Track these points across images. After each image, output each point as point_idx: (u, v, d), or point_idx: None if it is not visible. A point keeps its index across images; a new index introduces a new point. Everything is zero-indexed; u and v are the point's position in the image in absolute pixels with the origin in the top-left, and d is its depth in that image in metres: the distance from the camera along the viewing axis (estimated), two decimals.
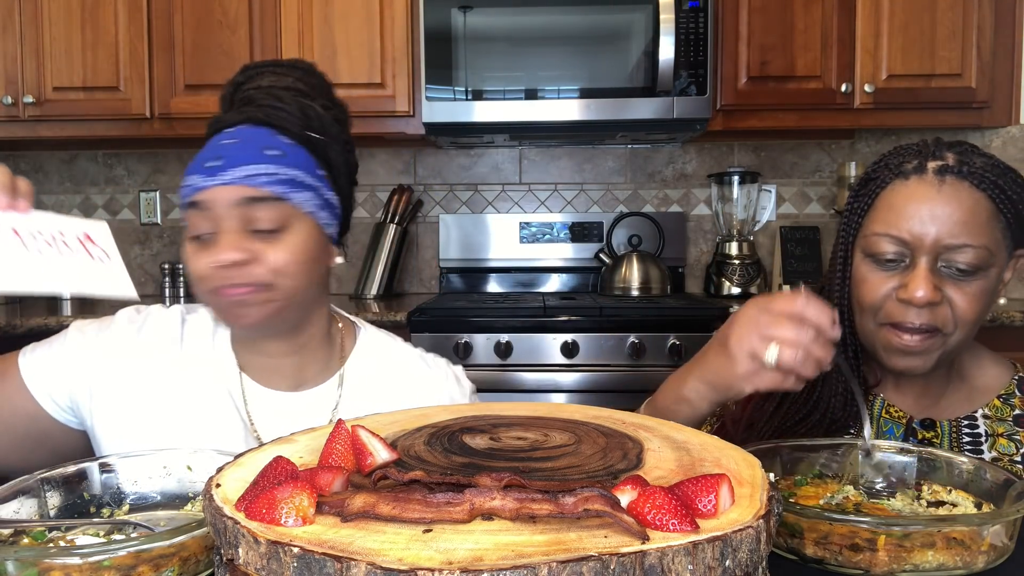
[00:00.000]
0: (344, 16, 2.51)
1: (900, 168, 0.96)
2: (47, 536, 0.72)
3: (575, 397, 2.24)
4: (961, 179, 0.93)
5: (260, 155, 0.93)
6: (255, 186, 0.92)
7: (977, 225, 0.92)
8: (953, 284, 0.93)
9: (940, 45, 2.46)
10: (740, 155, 2.94)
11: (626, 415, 0.76)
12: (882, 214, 0.96)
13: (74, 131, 2.60)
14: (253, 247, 0.93)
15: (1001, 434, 1.01)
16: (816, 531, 0.68)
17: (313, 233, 0.97)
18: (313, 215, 0.97)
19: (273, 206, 0.93)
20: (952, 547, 0.66)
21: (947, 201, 0.92)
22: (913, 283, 0.92)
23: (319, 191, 0.98)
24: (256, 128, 0.96)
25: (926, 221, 0.92)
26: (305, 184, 0.96)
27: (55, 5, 2.52)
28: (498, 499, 0.49)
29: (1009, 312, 2.21)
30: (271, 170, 0.93)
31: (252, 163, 0.92)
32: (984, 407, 1.03)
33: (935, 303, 0.92)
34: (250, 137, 0.95)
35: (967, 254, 0.91)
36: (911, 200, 0.93)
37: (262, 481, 0.53)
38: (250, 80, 1.02)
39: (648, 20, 2.44)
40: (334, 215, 1.01)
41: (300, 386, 1.05)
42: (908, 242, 0.93)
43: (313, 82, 1.03)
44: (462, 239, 2.91)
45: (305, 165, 0.96)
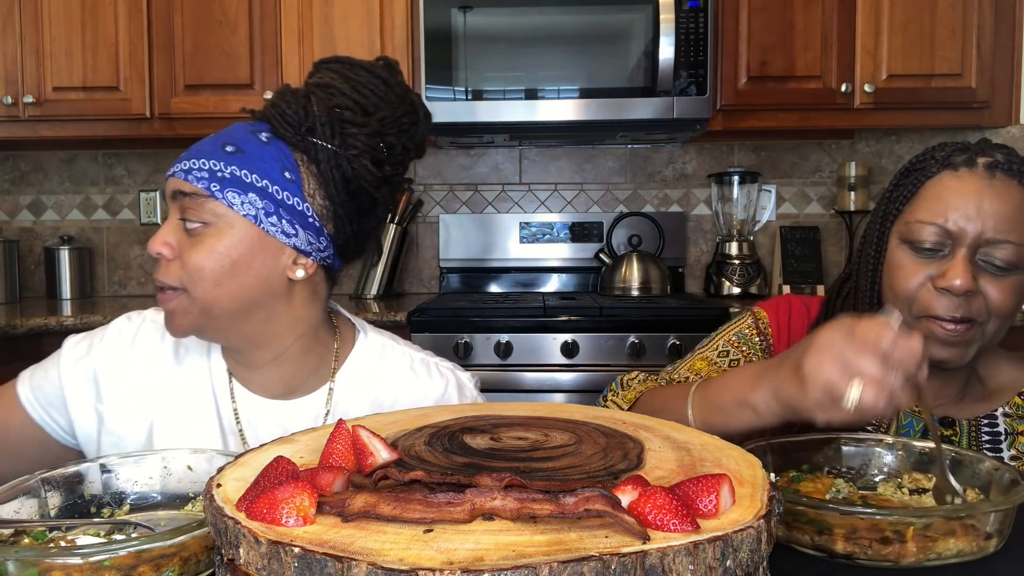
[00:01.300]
0: (344, 16, 2.51)
1: (949, 160, 0.96)
2: (48, 536, 0.72)
3: (575, 397, 2.24)
4: (1011, 176, 0.93)
5: (214, 150, 0.92)
6: (186, 180, 0.90)
7: (1020, 223, 0.92)
8: (988, 277, 0.93)
9: (940, 45, 2.46)
10: (740, 155, 2.94)
11: (626, 415, 0.76)
12: (928, 203, 0.96)
13: (74, 131, 2.60)
14: (180, 244, 0.92)
15: (1021, 432, 1.01)
16: (846, 526, 0.69)
17: (248, 238, 0.91)
18: (254, 218, 0.91)
19: (200, 203, 0.90)
20: (969, 534, 0.69)
21: (995, 196, 0.92)
22: (952, 271, 0.92)
23: (273, 195, 0.91)
24: (251, 123, 0.95)
25: (972, 214, 0.92)
26: (250, 185, 0.90)
27: (55, 5, 2.52)
28: (499, 499, 0.49)
29: None
30: (212, 166, 0.90)
31: (199, 157, 0.91)
32: (1004, 405, 1.03)
33: (971, 293, 0.92)
34: (227, 131, 0.94)
35: (1007, 250, 0.92)
36: (960, 192, 0.94)
37: (263, 481, 0.53)
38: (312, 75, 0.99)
39: (648, 20, 2.44)
40: (300, 222, 0.94)
41: (290, 394, 1.02)
42: (952, 232, 0.93)
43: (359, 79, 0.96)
44: (462, 239, 2.91)
45: (265, 164, 0.91)
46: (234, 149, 0.92)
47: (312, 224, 0.95)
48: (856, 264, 1.06)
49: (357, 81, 0.96)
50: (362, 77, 0.96)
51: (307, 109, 0.93)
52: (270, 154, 0.92)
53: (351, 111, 0.94)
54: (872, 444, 0.89)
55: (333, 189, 0.95)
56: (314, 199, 0.95)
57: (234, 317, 0.94)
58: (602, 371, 2.25)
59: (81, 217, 3.01)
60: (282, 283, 0.95)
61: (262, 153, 0.92)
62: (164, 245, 0.91)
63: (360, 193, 0.97)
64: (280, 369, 1.01)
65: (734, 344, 1.14)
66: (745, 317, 1.17)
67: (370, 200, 0.98)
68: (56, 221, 3.02)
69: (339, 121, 0.94)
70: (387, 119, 0.96)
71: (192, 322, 0.94)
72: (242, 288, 0.92)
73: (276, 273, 0.94)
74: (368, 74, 0.97)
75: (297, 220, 0.93)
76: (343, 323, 1.09)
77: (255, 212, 0.91)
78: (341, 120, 0.94)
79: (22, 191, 3.02)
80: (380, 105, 0.96)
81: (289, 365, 1.01)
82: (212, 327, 0.95)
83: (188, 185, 0.90)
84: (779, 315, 1.14)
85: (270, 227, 0.92)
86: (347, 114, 0.94)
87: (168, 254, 0.91)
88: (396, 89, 0.99)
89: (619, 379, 1.15)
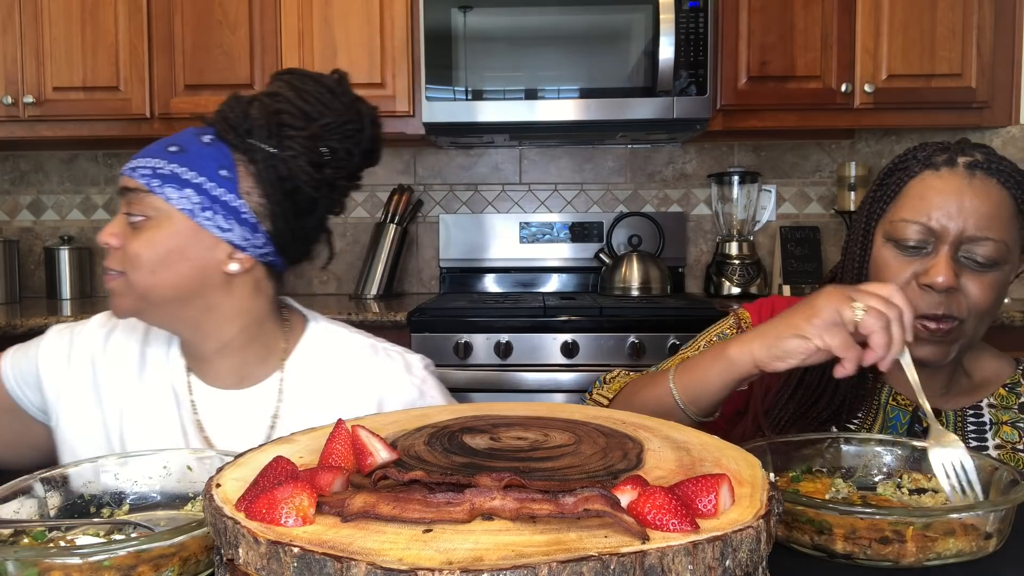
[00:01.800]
0: (344, 16, 2.51)
1: (930, 160, 1.00)
2: (47, 536, 0.72)
3: (575, 397, 2.24)
4: (990, 175, 0.96)
5: (159, 150, 0.99)
6: (131, 177, 0.98)
7: (1000, 220, 0.96)
8: (970, 274, 0.96)
9: (940, 45, 2.46)
10: (740, 155, 2.94)
11: (626, 415, 0.76)
12: (911, 202, 0.99)
13: (74, 131, 2.60)
14: (125, 235, 0.98)
15: (1005, 422, 1.04)
16: (846, 526, 0.69)
17: (182, 231, 0.97)
18: (190, 212, 0.97)
19: (142, 197, 0.97)
20: (969, 534, 0.69)
21: (976, 194, 0.96)
22: (935, 269, 0.95)
23: (208, 191, 0.97)
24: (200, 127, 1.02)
25: (954, 212, 0.95)
26: (187, 182, 0.97)
27: (55, 5, 2.52)
28: (498, 499, 0.49)
29: (1009, 312, 2.21)
30: (154, 164, 0.98)
31: (144, 156, 0.99)
32: (989, 396, 1.06)
33: (953, 290, 0.95)
34: (179, 134, 1.02)
35: (987, 247, 0.95)
36: (941, 191, 0.97)
37: (262, 481, 0.53)
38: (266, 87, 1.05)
39: (648, 20, 2.44)
40: (234, 217, 0.98)
41: (242, 383, 1.07)
42: (935, 230, 0.96)
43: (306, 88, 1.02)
44: (462, 239, 2.91)
45: (203, 163, 0.98)
46: (177, 149, 0.99)
47: (247, 220, 1.00)
48: (842, 265, 1.09)
49: (303, 89, 1.01)
50: (308, 86, 1.02)
51: (247, 113, 0.99)
52: (210, 154, 0.99)
53: (292, 116, 0.99)
54: (872, 444, 0.89)
55: (269, 188, 1.00)
56: (250, 197, 1.00)
57: (172, 304, 1.00)
58: (602, 371, 2.24)
59: (81, 217, 3.01)
60: (218, 275, 1.01)
61: (202, 153, 0.99)
62: (111, 236, 0.99)
63: (297, 193, 1.01)
64: (228, 359, 1.06)
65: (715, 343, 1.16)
66: (728, 318, 1.20)
67: (308, 201, 1.03)
68: (56, 221, 3.02)
69: (278, 124, 0.99)
70: (330, 125, 1.01)
71: (130, 304, 1.00)
72: (177, 276, 0.98)
73: (211, 265, 1.00)
74: (315, 84, 1.03)
75: (232, 216, 0.99)
76: (294, 315, 1.14)
77: (191, 207, 0.97)
78: (280, 123, 0.99)
79: (22, 191, 3.02)
80: (324, 112, 1.01)
81: (236, 355, 1.06)
82: (151, 311, 1.01)
83: (132, 181, 0.98)
84: (761, 315, 1.17)
85: (204, 221, 0.98)
86: (287, 118, 0.99)
87: (115, 243, 0.99)
88: (342, 98, 1.04)
89: (602, 377, 1.19)
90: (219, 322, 1.03)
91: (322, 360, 1.09)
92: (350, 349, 1.11)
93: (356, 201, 2.99)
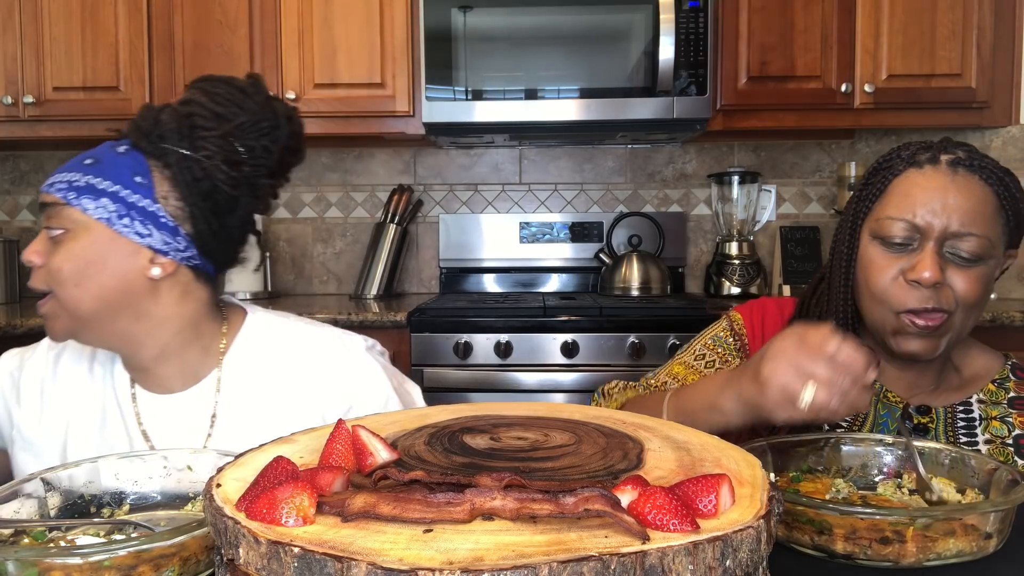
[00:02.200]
0: (344, 16, 2.51)
1: (914, 159, 1.01)
2: (47, 536, 0.72)
3: (575, 397, 2.24)
4: (972, 172, 0.98)
5: (76, 164, 0.99)
6: (48, 192, 0.98)
7: (983, 216, 0.97)
8: (955, 269, 0.98)
9: (940, 45, 2.46)
10: (740, 155, 2.94)
11: (626, 415, 0.76)
12: (896, 200, 1.00)
13: (74, 131, 2.60)
14: (48, 250, 0.99)
15: (995, 417, 1.05)
16: (846, 526, 0.69)
17: (101, 240, 0.97)
18: (107, 221, 0.97)
19: (59, 210, 0.97)
20: (969, 534, 0.69)
21: (959, 191, 0.97)
22: (921, 264, 0.96)
23: (124, 199, 0.97)
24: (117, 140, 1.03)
25: (938, 209, 0.97)
26: (102, 191, 0.97)
27: (55, 5, 2.52)
28: (498, 499, 0.49)
29: (1009, 312, 2.21)
30: (68, 177, 0.98)
31: (61, 171, 0.99)
32: (979, 392, 1.07)
33: (940, 284, 0.97)
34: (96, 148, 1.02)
35: (971, 242, 0.97)
36: (925, 188, 0.98)
37: (262, 481, 0.53)
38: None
39: (648, 20, 2.44)
40: (151, 222, 0.98)
41: (184, 386, 1.07)
42: (920, 227, 0.98)
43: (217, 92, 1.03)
44: (462, 239, 2.91)
45: (118, 172, 0.98)
46: (92, 161, 0.99)
47: (166, 224, 1.00)
48: (829, 265, 1.10)
49: (214, 92, 1.03)
50: (220, 89, 1.04)
51: (158, 119, 1.00)
52: (124, 162, 0.99)
53: (203, 117, 1.00)
54: (872, 444, 0.89)
55: (186, 190, 1.00)
56: (167, 200, 1.00)
57: (102, 317, 1.00)
58: (602, 371, 2.25)
59: None
60: (142, 282, 1.00)
61: (116, 162, 0.99)
62: (34, 254, 1.00)
63: (215, 193, 1.01)
64: (167, 365, 1.06)
65: (710, 347, 1.19)
66: (721, 321, 1.22)
67: (228, 200, 1.03)
68: None
69: (189, 127, 1.00)
70: (244, 124, 1.02)
71: (65, 325, 1.00)
72: (101, 287, 0.98)
73: (134, 272, 1.00)
74: (227, 86, 1.05)
75: (150, 221, 0.99)
76: (233, 311, 1.13)
77: (107, 215, 0.97)
78: (192, 126, 1.00)
79: (22, 191, 3.02)
80: (237, 112, 1.02)
81: (174, 360, 1.06)
82: (85, 330, 1.01)
83: (49, 196, 0.98)
84: (753, 317, 1.19)
85: (122, 228, 0.98)
86: (198, 120, 1.00)
87: (38, 261, 0.99)
88: (256, 98, 1.05)
89: (601, 389, 1.20)
90: (151, 329, 1.03)
91: (259, 352, 1.09)
92: (286, 337, 1.11)
93: (356, 201, 2.99)
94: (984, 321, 2.20)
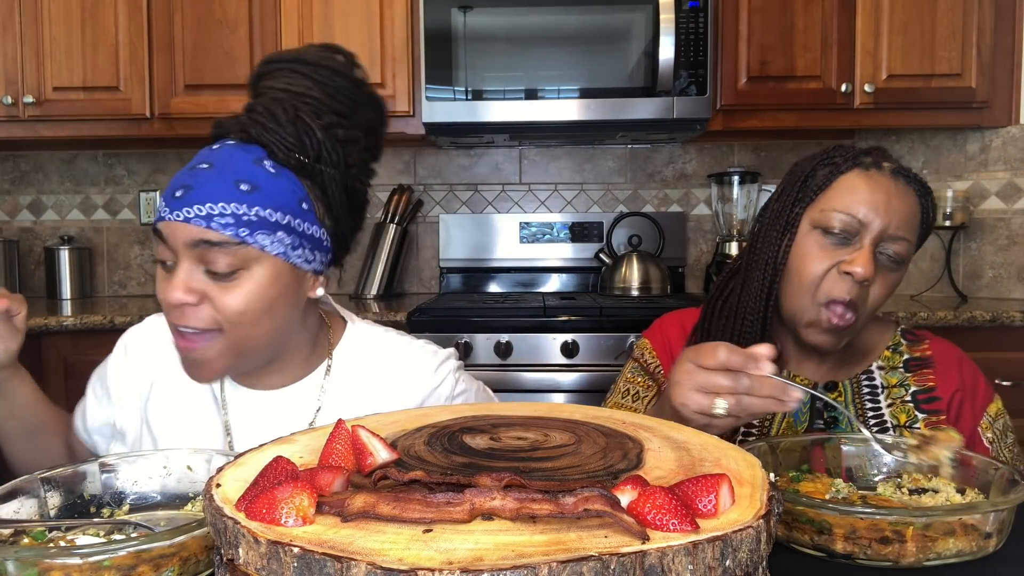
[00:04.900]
0: (344, 16, 2.51)
1: (858, 160, 1.08)
2: (47, 536, 0.72)
3: (575, 397, 2.24)
4: (910, 184, 1.07)
5: (229, 190, 0.87)
6: (212, 228, 0.86)
7: (914, 225, 1.07)
8: (879, 269, 1.05)
9: (940, 45, 2.46)
10: (740, 155, 2.94)
11: (626, 415, 0.76)
12: (842, 194, 1.06)
13: (74, 131, 2.60)
14: (206, 288, 0.88)
15: (895, 384, 1.14)
16: (846, 526, 0.69)
17: (280, 274, 0.91)
18: (283, 255, 0.90)
19: (230, 250, 0.87)
20: (969, 534, 0.69)
21: (900, 197, 1.05)
22: (860, 259, 1.03)
23: (296, 228, 0.91)
24: (242, 148, 0.91)
25: (881, 209, 1.04)
26: (276, 224, 0.89)
27: (55, 5, 2.52)
28: (498, 499, 0.49)
29: (1009, 312, 2.21)
30: (235, 210, 0.86)
31: (216, 200, 0.86)
32: (877, 360, 1.16)
33: (868, 282, 1.03)
34: (227, 163, 0.89)
35: (901, 246, 1.05)
36: (872, 188, 1.05)
37: (262, 481, 0.53)
38: (268, 76, 0.95)
39: (648, 20, 2.44)
40: (318, 248, 0.95)
41: (281, 384, 1.03)
42: (862, 222, 1.04)
43: (334, 86, 0.94)
44: (462, 239, 2.91)
45: (284, 199, 0.89)
46: (249, 188, 0.88)
47: (326, 246, 0.96)
48: (748, 255, 1.15)
49: (333, 87, 0.94)
50: (336, 82, 0.95)
51: (308, 134, 0.91)
52: (284, 187, 0.90)
53: (341, 127, 0.93)
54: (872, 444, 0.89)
55: (340, 211, 0.96)
56: (324, 222, 0.95)
57: (265, 351, 0.96)
58: (602, 371, 2.25)
59: (81, 217, 3.01)
60: (303, 304, 0.98)
61: (276, 187, 0.89)
62: (188, 292, 0.88)
63: (356, 204, 1.00)
64: (284, 369, 1.03)
65: (630, 380, 1.24)
66: (633, 351, 1.28)
67: (363, 202, 1.02)
68: (56, 221, 3.02)
69: (336, 141, 0.93)
70: (365, 123, 0.97)
71: (226, 364, 0.93)
72: (275, 320, 0.93)
73: (302, 298, 0.97)
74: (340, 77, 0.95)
75: (315, 246, 0.95)
76: (329, 312, 1.11)
77: (283, 249, 0.90)
78: (336, 139, 0.93)
79: (22, 191, 3.02)
80: (354, 109, 0.96)
81: (286, 361, 1.03)
82: (242, 365, 0.96)
83: (215, 234, 0.86)
84: (656, 338, 1.26)
85: (296, 259, 0.92)
86: (340, 132, 0.93)
87: (194, 301, 0.88)
88: (364, 89, 0.99)
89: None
90: (293, 344, 1.00)
91: (362, 356, 1.06)
92: (389, 347, 1.08)
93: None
94: (984, 321, 2.20)
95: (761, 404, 0.84)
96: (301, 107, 0.92)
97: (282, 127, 0.90)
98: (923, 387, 1.12)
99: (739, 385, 0.83)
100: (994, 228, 2.64)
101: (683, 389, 0.87)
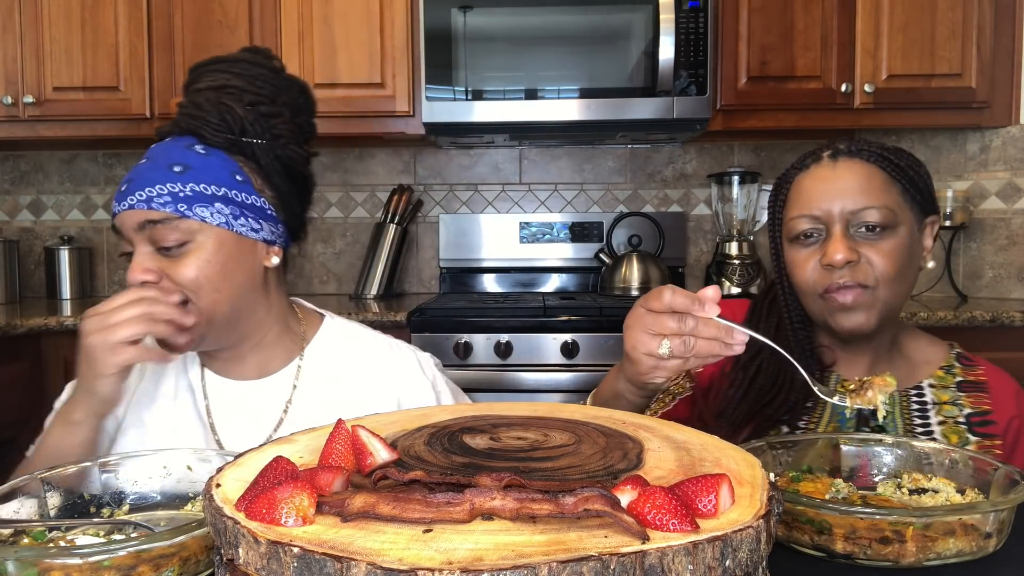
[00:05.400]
0: (344, 16, 2.51)
1: (802, 163, 1.13)
2: (47, 536, 0.72)
3: (575, 397, 2.24)
4: (852, 157, 1.08)
5: (164, 174, 0.97)
6: (153, 208, 0.95)
7: (873, 189, 1.06)
8: (868, 245, 1.06)
9: (940, 45, 2.46)
10: (740, 155, 2.94)
11: (626, 415, 0.76)
12: (794, 201, 1.11)
13: (74, 131, 2.60)
14: (161, 265, 0.97)
15: (945, 401, 1.12)
16: (846, 526, 0.69)
17: (224, 242, 0.98)
18: (225, 224, 0.98)
19: (172, 225, 0.96)
20: (969, 533, 0.69)
21: (841, 176, 1.07)
22: (831, 248, 1.05)
23: (234, 199, 0.99)
24: (176, 140, 1.01)
25: (829, 195, 1.07)
26: (213, 196, 0.97)
27: (55, 5, 2.52)
28: (498, 499, 0.49)
29: (1009, 312, 2.21)
30: (171, 189, 0.96)
31: (152, 184, 0.96)
32: (929, 378, 1.15)
33: (854, 262, 1.05)
34: (161, 154, 0.99)
35: (871, 214, 1.05)
36: (816, 181, 1.09)
37: (262, 481, 0.53)
38: (193, 81, 1.05)
39: (648, 20, 2.44)
40: (262, 216, 1.02)
41: (261, 375, 1.09)
42: (820, 217, 1.07)
43: (251, 74, 1.02)
44: (462, 239, 2.91)
45: (216, 174, 0.98)
46: (182, 168, 0.97)
47: (271, 215, 1.03)
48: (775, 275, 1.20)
49: (251, 76, 1.02)
50: (253, 71, 1.03)
51: (231, 113, 1.00)
52: (215, 163, 0.99)
53: (264, 104, 1.01)
54: (872, 444, 0.89)
55: (277, 179, 1.03)
56: (264, 192, 1.03)
57: (230, 319, 1.01)
58: (602, 371, 2.25)
59: (81, 217, 3.01)
60: (261, 274, 1.05)
61: (207, 164, 0.99)
62: (146, 272, 0.96)
63: (296, 176, 1.06)
64: (257, 355, 1.08)
65: None
66: None
67: (304, 180, 1.08)
68: (56, 221, 3.02)
69: (260, 116, 1.01)
70: (289, 102, 1.04)
71: (200, 332, 0.99)
72: (235, 287, 1.00)
73: (256, 267, 1.03)
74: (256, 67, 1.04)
75: (259, 215, 1.02)
76: (305, 310, 1.17)
77: (224, 219, 0.98)
78: (260, 115, 1.01)
79: (22, 191, 3.02)
80: (278, 90, 1.04)
81: (266, 350, 1.08)
82: (212, 334, 1.01)
83: (156, 213, 0.95)
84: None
85: (240, 228, 1.00)
86: (263, 108, 1.01)
87: (154, 279, 0.96)
88: (283, 75, 1.06)
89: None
90: (260, 320, 1.06)
91: (338, 351, 1.12)
92: (365, 343, 1.14)
93: (356, 201, 2.99)
94: (984, 321, 2.20)
95: (706, 346, 0.84)
96: (223, 96, 1.01)
97: (206, 112, 1.00)
98: (978, 409, 1.11)
99: (684, 326, 0.85)
100: (994, 228, 2.64)
101: (632, 332, 0.89)
